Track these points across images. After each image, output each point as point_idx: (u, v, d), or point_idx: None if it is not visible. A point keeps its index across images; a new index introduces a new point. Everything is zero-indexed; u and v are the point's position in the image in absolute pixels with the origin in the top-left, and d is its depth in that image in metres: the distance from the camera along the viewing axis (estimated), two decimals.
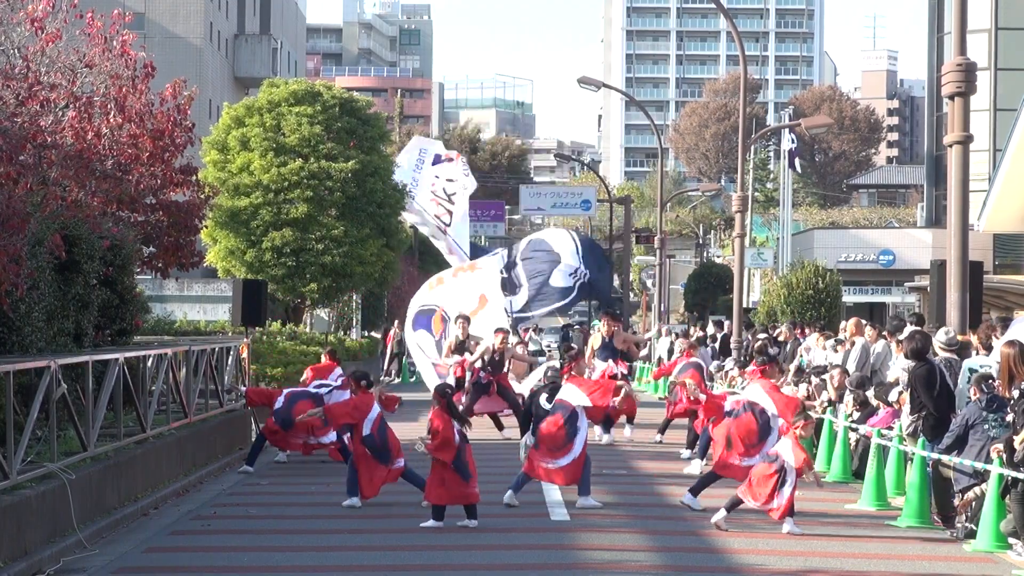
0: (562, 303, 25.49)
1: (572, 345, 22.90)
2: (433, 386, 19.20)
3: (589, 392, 14.84)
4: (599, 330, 23.55)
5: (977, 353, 15.07)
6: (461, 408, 18.85)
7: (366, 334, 43.94)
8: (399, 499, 14.93)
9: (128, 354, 15.51)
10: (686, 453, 19.33)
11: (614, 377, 20.41)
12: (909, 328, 18.56)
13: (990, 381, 13.19)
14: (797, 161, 54.73)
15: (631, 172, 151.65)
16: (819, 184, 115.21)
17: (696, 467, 17.79)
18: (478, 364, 21.92)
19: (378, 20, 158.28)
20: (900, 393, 16.15)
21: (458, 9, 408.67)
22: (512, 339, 23.53)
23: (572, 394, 14.83)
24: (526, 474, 14.84)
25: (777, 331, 28.87)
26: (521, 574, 11.56)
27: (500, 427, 22.45)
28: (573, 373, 15.44)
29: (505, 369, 22.20)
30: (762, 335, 28.37)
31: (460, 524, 13.35)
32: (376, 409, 14.65)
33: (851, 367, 20.07)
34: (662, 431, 22.02)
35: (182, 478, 16.44)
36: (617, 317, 24.24)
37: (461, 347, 22.51)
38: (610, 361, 22.19)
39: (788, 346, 26.38)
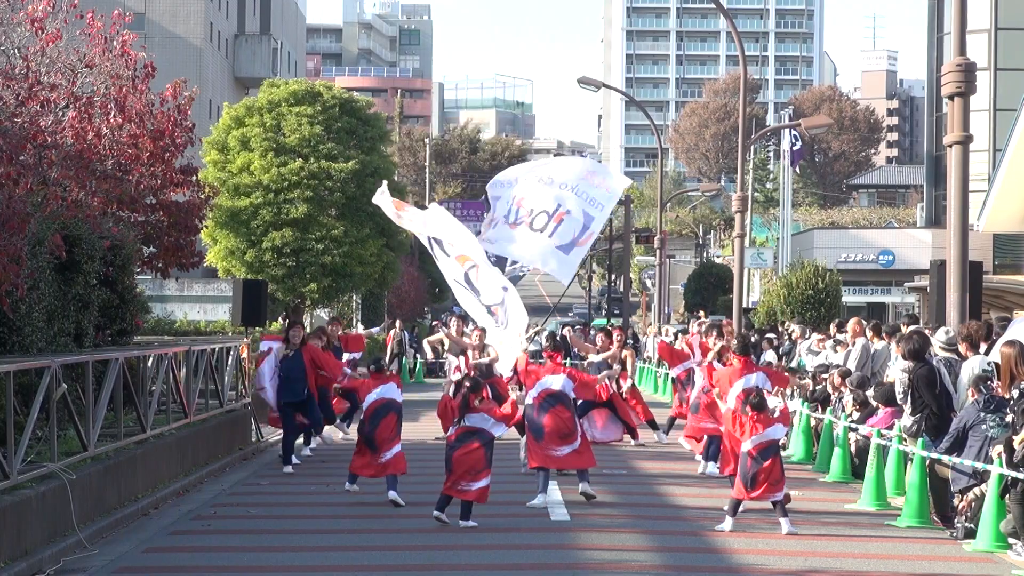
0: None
1: (554, 332, 22.67)
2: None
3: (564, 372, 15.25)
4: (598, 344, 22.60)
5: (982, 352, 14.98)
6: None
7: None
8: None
9: (128, 354, 15.51)
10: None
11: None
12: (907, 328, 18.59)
13: (988, 382, 13.19)
14: (799, 165, 54.74)
15: (631, 172, 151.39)
16: (819, 184, 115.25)
17: (709, 468, 17.71)
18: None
19: (378, 20, 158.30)
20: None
21: (458, 9, 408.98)
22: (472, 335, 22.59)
23: (555, 380, 15.14)
24: (543, 468, 14.93)
25: (790, 328, 29.04)
26: (521, 574, 11.56)
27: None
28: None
29: (499, 373, 21.37)
30: (771, 335, 28.54)
31: (463, 524, 13.37)
32: (372, 398, 14.93)
33: (851, 367, 20.08)
34: (667, 431, 22.00)
35: (182, 478, 16.44)
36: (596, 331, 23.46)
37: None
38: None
39: (798, 345, 26.47)
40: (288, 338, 18.50)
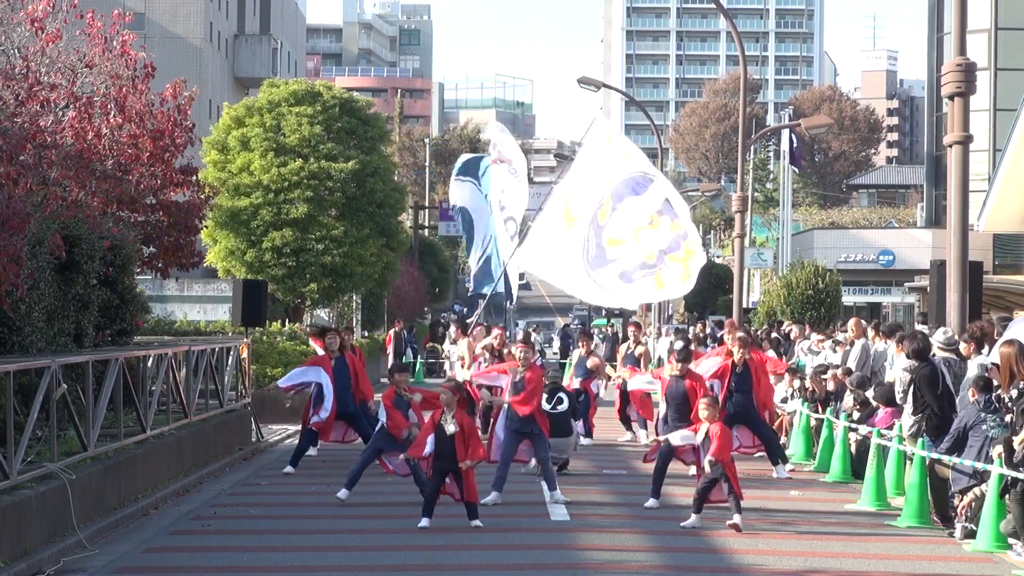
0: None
1: (527, 331, 22.73)
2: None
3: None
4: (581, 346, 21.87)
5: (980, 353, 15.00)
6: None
7: (366, 334, 43.95)
8: (399, 499, 14.94)
9: (128, 354, 15.51)
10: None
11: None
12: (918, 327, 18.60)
13: (992, 385, 13.17)
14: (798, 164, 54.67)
15: None
16: (819, 184, 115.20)
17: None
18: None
19: (378, 20, 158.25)
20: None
21: (458, 9, 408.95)
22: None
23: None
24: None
25: (788, 328, 29.04)
26: (521, 574, 11.57)
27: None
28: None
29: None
30: (775, 335, 28.66)
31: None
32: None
33: (851, 367, 20.08)
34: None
35: (182, 478, 16.44)
36: (590, 336, 23.32)
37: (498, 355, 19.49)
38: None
39: (797, 345, 26.50)
40: (327, 346, 17.89)
